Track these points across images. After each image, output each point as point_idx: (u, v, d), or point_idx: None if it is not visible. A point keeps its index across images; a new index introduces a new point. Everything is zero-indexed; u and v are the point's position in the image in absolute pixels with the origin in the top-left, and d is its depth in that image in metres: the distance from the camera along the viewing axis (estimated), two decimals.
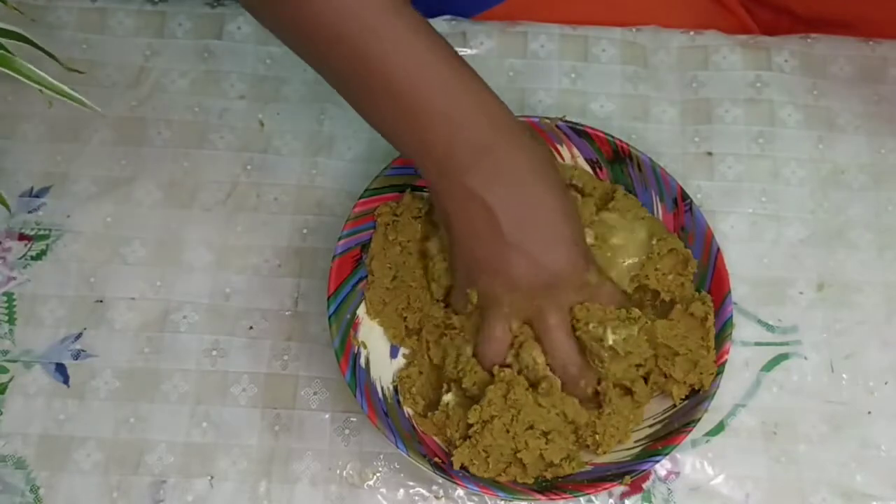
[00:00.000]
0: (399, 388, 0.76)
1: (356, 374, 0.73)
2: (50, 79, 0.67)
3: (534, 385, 0.72)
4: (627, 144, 0.79)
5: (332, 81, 0.72)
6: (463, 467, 0.71)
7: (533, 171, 0.71)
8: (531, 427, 0.71)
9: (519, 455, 0.71)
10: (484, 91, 0.71)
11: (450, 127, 0.69)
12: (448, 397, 0.74)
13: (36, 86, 0.67)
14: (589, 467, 0.73)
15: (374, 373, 0.75)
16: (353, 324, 0.76)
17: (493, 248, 0.70)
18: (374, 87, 0.69)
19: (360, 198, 0.78)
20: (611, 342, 0.71)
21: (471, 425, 0.71)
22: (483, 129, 0.69)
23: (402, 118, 0.69)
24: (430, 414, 0.74)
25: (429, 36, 0.69)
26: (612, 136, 0.80)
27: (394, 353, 0.78)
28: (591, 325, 0.71)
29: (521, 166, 0.70)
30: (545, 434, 0.71)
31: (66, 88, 0.68)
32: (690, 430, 0.71)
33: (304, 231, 0.84)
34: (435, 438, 0.75)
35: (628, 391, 0.74)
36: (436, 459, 0.72)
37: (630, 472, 0.71)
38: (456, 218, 0.71)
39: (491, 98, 0.71)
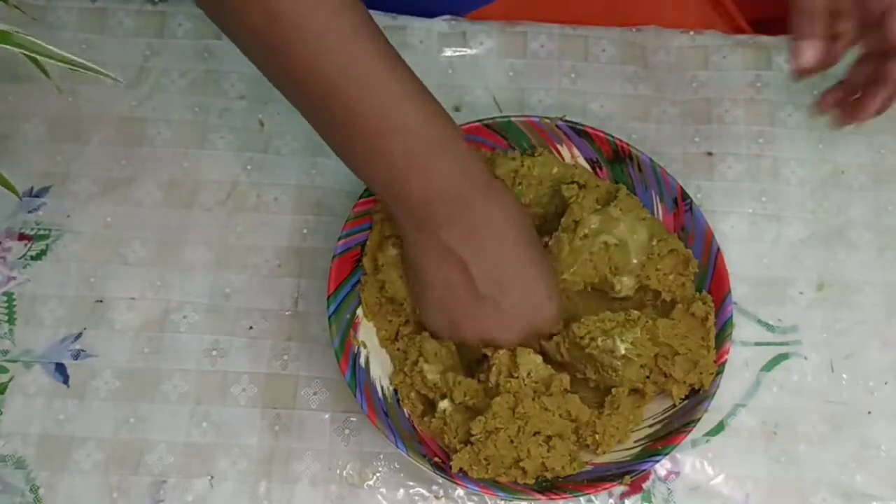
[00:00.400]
0: (398, 390, 0.76)
1: (356, 374, 0.73)
2: (63, 53, 0.66)
3: (545, 386, 0.72)
4: (627, 144, 0.79)
5: (298, 106, 0.71)
6: (461, 470, 0.71)
7: (508, 227, 0.72)
8: (535, 434, 0.71)
9: (521, 463, 0.71)
10: (458, 138, 0.70)
11: (428, 179, 0.69)
12: (444, 404, 0.74)
13: (51, 61, 0.66)
14: (589, 467, 0.73)
15: (373, 372, 0.75)
16: (352, 324, 0.75)
17: (468, 305, 0.72)
18: (349, 127, 0.68)
19: (359, 198, 0.78)
20: (623, 351, 0.71)
21: (472, 433, 0.71)
22: (459, 182, 0.69)
23: (377, 162, 0.69)
24: (427, 418, 0.74)
25: (400, 68, 0.68)
26: (612, 136, 0.79)
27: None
28: (599, 340, 0.71)
29: (496, 222, 0.71)
30: (548, 440, 0.71)
31: (81, 60, 0.66)
32: (690, 430, 0.71)
33: (304, 231, 0.84)
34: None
35: (634, 391, 0.74)
36: (436, 459, 0.72)
37: (630, 472, 0.71)
38: (430, 271, 0.72)
39: (465, 146, 0.70)
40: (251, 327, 0.81)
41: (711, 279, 0.76)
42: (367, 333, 0.76)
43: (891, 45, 0.72)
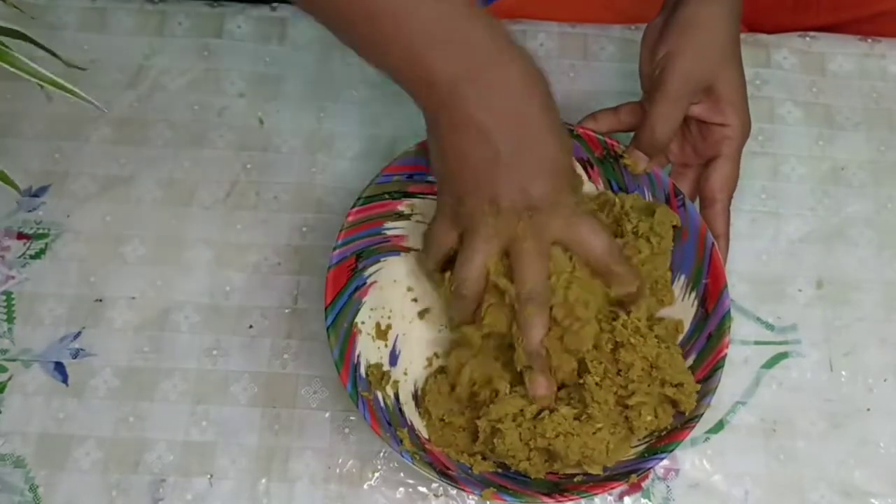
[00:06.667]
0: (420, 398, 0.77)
1: (357, 385, 0.73)
2: (48, 73, 0.67)
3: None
4: (617, 142, 0.79)
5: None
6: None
7: (527, 93, 0.69)
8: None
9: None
10: (474, 8, 0.68)
11: (448, 54, 0.67)
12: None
13: (34, 80, 0.67)
14: None
15: (375, 382, 0.75)
16: (350, 333, 0.75)
17: (483, 170, 0.69)
18: (368, 13, 0.66)
19: (352, 206, 0.77)
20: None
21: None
22: (480, 50, 0.67)
23: (396, 44, 0.67)
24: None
25: None
26: (602, 136, 0.79)
27: (392, 362, 0.78)
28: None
29: (515, 87, 0.68)
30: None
31: (64, 83, 0.67)
32: (693, 426, 0.71)
33: (304, 229, 0.84)
34: (446, 450, 0.74)
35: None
36: (440, 465, 0.72)
37: (635, 471, 0.71)
38: (451, 144, 0.69)
39: (483, 17, 0.68)
40: (251, 326, 0.81)
41: (707, 274, 0.76)
42: (365, 343, 0.77)
43: (703, 193, 0.79)
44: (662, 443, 0.72)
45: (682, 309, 0.77)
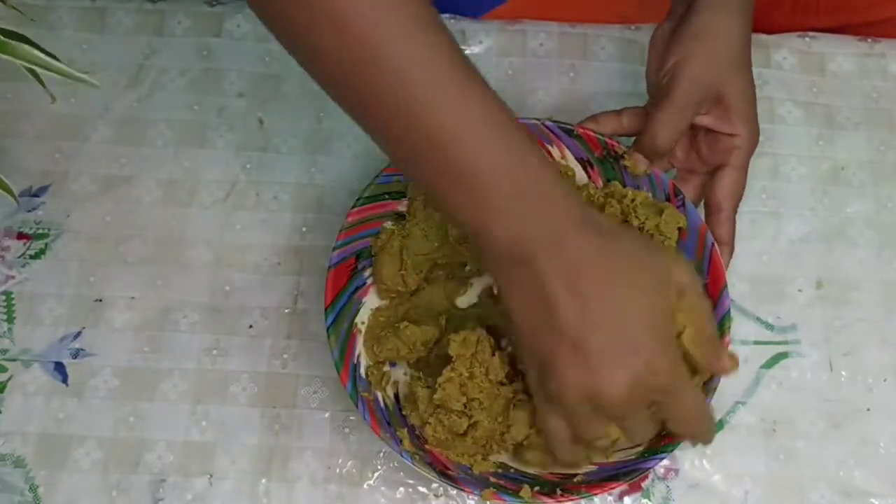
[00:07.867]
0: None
1: (356, 385, 0.73)
2: (53, 61, 0.66)
3: None
4: (618, 142, 0.79)
5: (370, 131, 0.65)
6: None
7: (609, 265, 0.63)
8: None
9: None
10: (549, 172, 0.63)
11: (521, 220, 0.61)
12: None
13: (38, 69, 0.66)
14: (594, 468, 0.73)
15: (375, 383, 0.75)
16: (350, 334, 0.75)
17: (555, 349, 0.62)
18: (436, 160, 0.61)
19: (352, 207, 0.77)
20: None
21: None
22: (553, 218, 0.62)
23: (465, 202, 0.61)
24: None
25: (490, 97, 0.61)
26: (602, 136, 0.79)
27: (392, 362, 0.78)
28: None
29: (590, 254, 0.62)
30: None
31: (69, 69, 0.66)
32: None
33: (304, 229, 0.84)
34: (445, 452, 0.74)
35: None
36: (440, 465, 0.72)
37: (636, 471, 0.71)
38: (517, 310, 0.63)
39: (555, 178, 0.63)
40: (251, 326, 0.81)
41: (707, 273, 0.76)
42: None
43: (709, 200, 0.78)
44: (662, 443, 0.72)
45: None
